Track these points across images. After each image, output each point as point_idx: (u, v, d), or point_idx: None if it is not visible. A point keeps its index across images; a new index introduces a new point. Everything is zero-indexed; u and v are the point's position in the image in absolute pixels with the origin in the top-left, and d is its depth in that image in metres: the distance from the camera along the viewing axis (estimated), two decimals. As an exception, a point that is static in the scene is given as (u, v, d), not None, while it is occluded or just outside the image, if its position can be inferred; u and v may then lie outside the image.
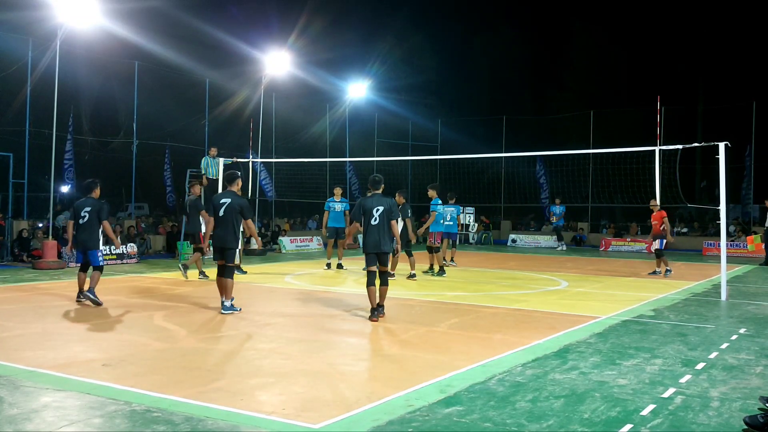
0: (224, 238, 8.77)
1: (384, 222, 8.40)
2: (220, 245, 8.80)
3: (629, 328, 8.20)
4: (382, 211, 8.41)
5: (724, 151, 10.88)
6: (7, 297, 10.34)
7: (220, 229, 8.80)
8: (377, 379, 5.69)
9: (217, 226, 8.81)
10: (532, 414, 4.70)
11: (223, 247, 8.79)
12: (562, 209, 24.58)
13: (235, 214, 8.77)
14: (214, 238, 8.86)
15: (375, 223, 8.40)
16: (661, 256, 14.87)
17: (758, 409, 4.65)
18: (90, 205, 9.57)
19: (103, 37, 19.79)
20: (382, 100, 32.28)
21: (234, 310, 8.77)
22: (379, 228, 8.38)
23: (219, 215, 8.78)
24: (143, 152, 22.99)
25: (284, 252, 21.08)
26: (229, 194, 8.94)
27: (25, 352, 6.41)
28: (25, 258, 15.62)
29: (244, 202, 8.98)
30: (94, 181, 9.97)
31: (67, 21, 15.27)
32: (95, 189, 9.86)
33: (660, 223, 14.58)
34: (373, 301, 8.45)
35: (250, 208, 9.09)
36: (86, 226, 9.52)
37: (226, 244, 8.77)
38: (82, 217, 9.52)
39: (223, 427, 4.37)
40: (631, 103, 31.11)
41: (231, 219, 8.75)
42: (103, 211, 9.56)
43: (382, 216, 8.40)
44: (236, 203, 8.80)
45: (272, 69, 21.45)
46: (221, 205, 8.80)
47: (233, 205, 8.77)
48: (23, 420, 4.45)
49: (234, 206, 8.77)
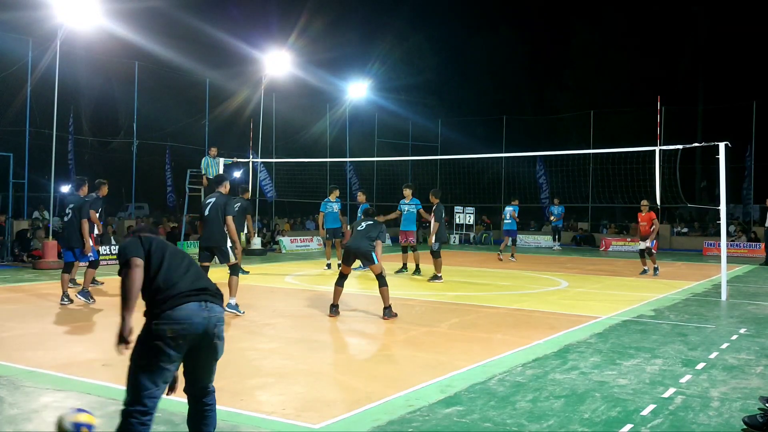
0: (211, 238, 8.66)
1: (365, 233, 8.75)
2: (207, 245, 8.70)
3: (629, 328, 8.20)
4: (367, 225, 8.88)
5: (725, 151, 10.88)
6: (7, 297, 10.34)
7: (205, 229, 8.71)
8: (377, 379, 5.69)
9: (204, 226, 8.77)
10: (532, 414, 4.70)
11: (211, 247, 8.68)
12: (561, 209, 24.57)
13: (220, 211, 8.64)
14: (201, 239, 8.78)
15: (360, 230, 8.87)
16: (651, 255, 14.81)
17: (758, 409, 4.65)
18: (73, 203, 9.55)
19: (103, 37, 19.80)
20: (382, 100, 32.29)
21: (236, 310, 8.69)
22: (361, 233, 8.77)
23: (204, 215, 8.74)
24: (143, 152, 23.01)
25: (284, 252, 21.09)
26: (215, 195, 8.84)
27: (25, 352, 6.40)
28: (25, 258, 15.62)
29: (228, 199, 8.83)
30: (82, 179, 10.03)
31: (67, 21, 15.26)
32: (83, 186, 9.91)
33: (649, 224, 14.52)
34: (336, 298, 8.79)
35: (232, 206, 8.91)
36: (68, 223, 9.51)
37: (213, 243, 8.65)
38: (66, 215, 9.53)
39: (223, 427, 4.36)
40: (631, 103, 31.11)
41: (215, 218, 8.63)
42: (83, 209, 9.49)
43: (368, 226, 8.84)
44: (221, 201, 8.69)
45: (272, 69, 21.45)
46: (206, 205, 8.78)
47: (218, 203, 8.68)
48: (23, 420, 4.45)
49: (218, 204, 8.66)
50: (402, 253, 14.79)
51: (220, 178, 9.14)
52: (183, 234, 18.40)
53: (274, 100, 24.86)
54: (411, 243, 14.43)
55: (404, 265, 14.70)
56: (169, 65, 24.63)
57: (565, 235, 27.73)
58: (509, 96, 37.96)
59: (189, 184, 17.59)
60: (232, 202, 8.90)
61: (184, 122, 25.20)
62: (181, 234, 18.42)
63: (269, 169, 25.24)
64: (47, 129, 16.98)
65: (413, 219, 14.60)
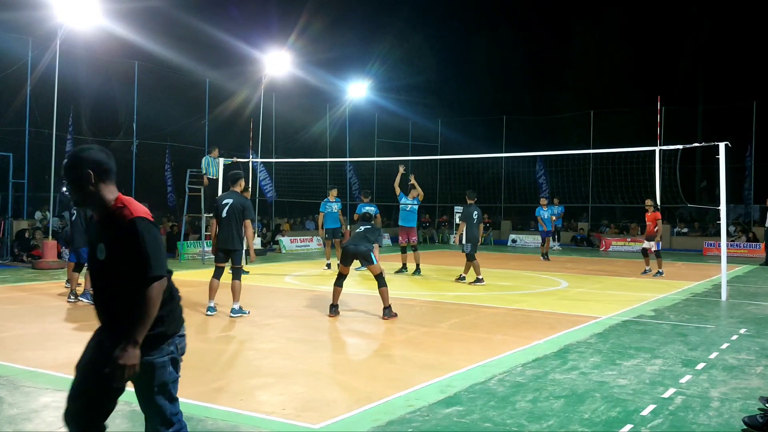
0: (229, 240, 8.57)
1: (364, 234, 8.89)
2: (225, 247, 8.60)
3: (629, 328, 8.20)
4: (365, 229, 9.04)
5: (725, 151, 10.88)
6: (7, 297, 10.34)
7: (223, 231, 8.59)
8: (377, 379, 5.69)
9: (221, 228, 8.63)
10: (532, 414, 4.70)
11: (228, 249, 8.60)
12: (561, 209, 24.32)
13: (238, 213, 8.56)
14: (219, 241, 8.66)
15: (359, 231, 9.03)
16: (658, 257, 14.84)
17: (758, 409, 4.65)
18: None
19: (103, 37, 19.79)
20: (382, 100, 32.27)
21: (243, 313, 8.63)
22: (360, 234, 8.90)
23: (222, 216, 8.58)
24: (143, 152, 22.97)
25: (284, 252, 21.09)
26: (232, 194, 8.71)
27: (25, 352, 6.41)
28: (25, 258, 15.63)
29: (247, 202, 8.79)
30: None
31: (67, 21, 15.27)
32: None
33: (654, 224, 14.60)
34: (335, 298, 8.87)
35: (252, 209, 8.92)
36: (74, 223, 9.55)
37: (231, 245, 8.57)
38: (72, 215, 9.56)
39: (223, 427, 4.36)
40: (631, 103, 31.10)
41: (234, 220, 8.54)
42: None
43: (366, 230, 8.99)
44: (238, 203, 8.61)
45: (272, 69, 21.44)
46: (224, 206, 8.60)
47: (235, 205, 8.58)
48: (23, 420, 4.45)
49: (236, 206, 8.57)
50: (401, 253, 14.75)
51: (235, 176, 8.91)
52: (183, 234, 18.39)
53: (274, 100, 24.85)
54: (412, 242, 14.36)
55: (404, 265, 14.64)
56: (169, 65, 24.59)
57: (565, 235, 27.73)
58: (509, 96, 37.92)
59: (189, 184, 17.56)
60: (250, 205, 8.86)
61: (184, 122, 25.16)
62: (180, 234, 18.41)
63: (269, 169, 25.22)
64: (47, 129, 16.97)
65: (414, 216, 14.55)
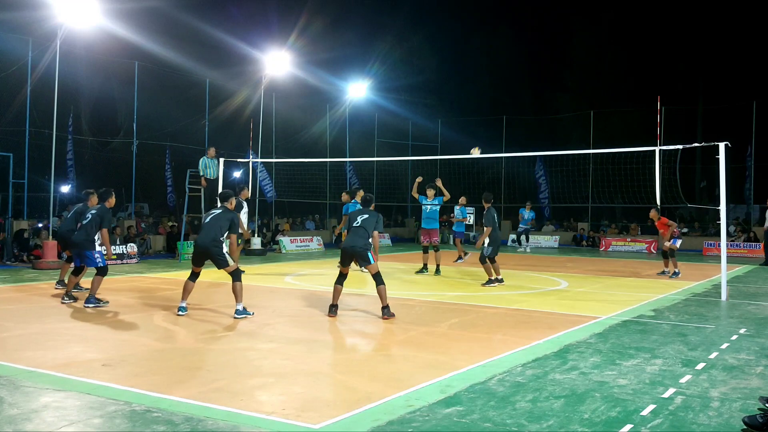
0: (207, 244, 8.57)
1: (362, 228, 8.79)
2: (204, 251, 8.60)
3: (629, 328, 8.20)
4: (363, 220, 8.87)
5: (725, 151, 10.88)
6: (7, 297, 10.34)
7: (202, 235, 8.66)
8: (377, 379, 5.69)
9: (201, 231, 8.78)
10: (532, 414, 4.70)
11: (207, 253, 8.57)
12: (532, 215, 24.17)
13: (222, 222, 8.63)
14: (196, 245, 8.72)
15: (356, 226, 8.89)
16: (673, 257, 14.85)
17: (758, 409, 4.65)
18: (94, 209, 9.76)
19: (103, 37, 19.80)
20: (382, 100, 32.28)
21: (247, 314, 8.61)
22: (357, 230, 8.81)
23: (205, 221, 8.79)
24: (143, 152, 22.97)
25: (284, 252, 21.09)
26: (221, 207, 8.88)
27: (25, 352, 6.41)
28: (25, 258, 15.62)
29: (236, 217, 8.83)
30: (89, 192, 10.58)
31: (67, 21, 15.26)
32: (91, 197, 10.32)
33: (667, 229, 14.73)
34: (335, 298, 8.83)
35: (238, 224, 8.86)
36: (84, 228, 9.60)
37: (209, 250, 8.56)
38: (86, 218, 9.63)
39: (223, 427, 4.36)
40: (631, 103, 31.11)
41: (215, 225, 8.61)
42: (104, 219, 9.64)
43: (364, 221, 8.86)
44: (227, 215, 8.71)
45: (272, 69, 21.45)
46: (210, 214, 8.86)
47: (223, 214, 8.71)
48: (23, 420, 4.45)
49: (222, 216, 8.67)
50: (423, 253, 14.69)
51: (225, 195, 8.97)
52: (183, 234, 18.38)
53: (274, 100, 24.86)
54: (434, 243, 14.34)
55: (425, 266, 14.58)
56: (169, 65, 24.59)
57: (565, 234, 27.73)
58: (509, 96, 37.89)
59: (189, 184, 17.58)
60: (237, 221, 8.87)
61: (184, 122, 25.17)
62: (180, 234, 18.41)
63: (269, 169, 25.23)
64: (47, 129, 16.97)
65: (436, 217, 14.54)
